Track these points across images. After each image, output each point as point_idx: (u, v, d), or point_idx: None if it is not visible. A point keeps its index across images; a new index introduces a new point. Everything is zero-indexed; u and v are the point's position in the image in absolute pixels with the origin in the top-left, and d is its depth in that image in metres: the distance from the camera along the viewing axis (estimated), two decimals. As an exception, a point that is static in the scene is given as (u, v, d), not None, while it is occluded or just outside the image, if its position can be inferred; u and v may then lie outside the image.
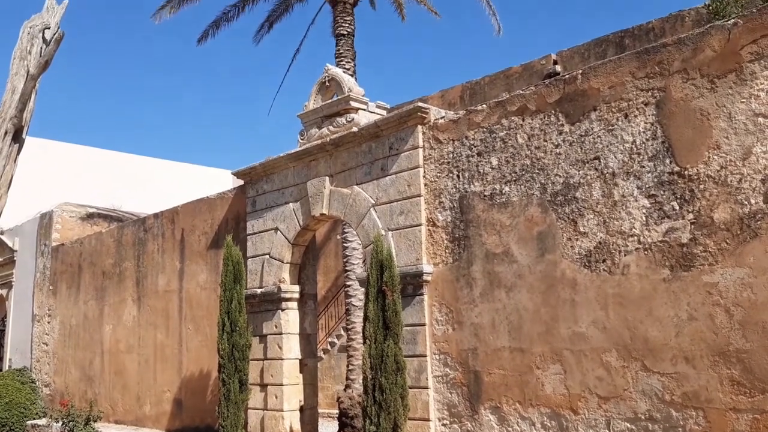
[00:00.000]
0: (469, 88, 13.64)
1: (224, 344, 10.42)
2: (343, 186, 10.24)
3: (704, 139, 6.59)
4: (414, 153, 9.29)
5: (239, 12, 16.02)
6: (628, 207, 7.07)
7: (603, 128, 7.33)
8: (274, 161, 11.32)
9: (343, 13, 14.08)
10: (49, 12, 10.03)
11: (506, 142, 8.23)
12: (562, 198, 7.62)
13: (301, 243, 11.21)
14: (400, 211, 9.31)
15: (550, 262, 7.65)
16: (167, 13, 15.67)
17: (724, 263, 6.37)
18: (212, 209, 13.24)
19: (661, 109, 6.90)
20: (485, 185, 8.39)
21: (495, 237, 8.21)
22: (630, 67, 7.17)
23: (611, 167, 7.24)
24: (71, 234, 18.45)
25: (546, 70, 12.06)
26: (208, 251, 13.17)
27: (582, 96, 7.55)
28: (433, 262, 8.88)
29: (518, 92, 8.30)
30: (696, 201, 6.60)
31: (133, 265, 15.21)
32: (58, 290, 17.94)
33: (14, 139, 9.70)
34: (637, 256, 6.98)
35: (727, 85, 6.47)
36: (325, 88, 10.90)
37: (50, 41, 9.68)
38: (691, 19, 10.31)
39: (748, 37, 6.38)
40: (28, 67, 9.61)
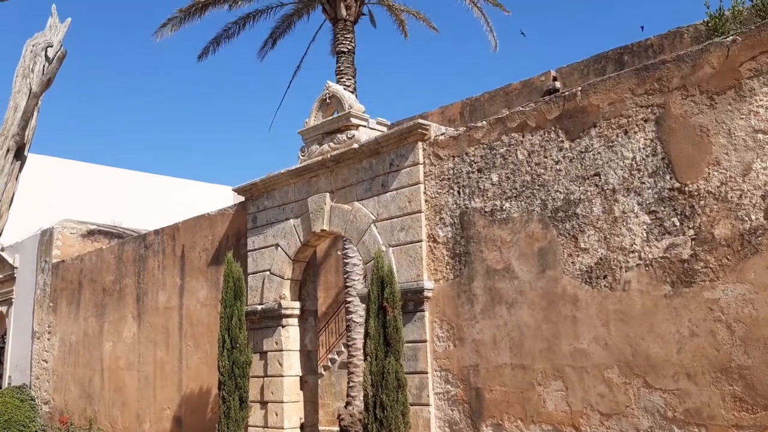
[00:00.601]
0: (469, 104, 13.70)
1: (224, 361, 10.39)
2: (343, 202, 10.26)
3: (704, 156, 6.61)
4: (414, 169, 9.32)
5: (240, 29, 16.14)
6: (629, 223, 7.08)
7: (603, 144, 7.36)
8: (275, 177, 11.35)
9: (343, 30, 14.17)
10: (51, 30, 10.09)
11: (506, 159, 8.26)
12: (563, 214, 7.63)
13: (302, 259, 11.20)
14: (401, 227, 9.32)
15: (551, 278, 7.64)
16: (168, 31, 15.78)
17: (725, 279, 6.37)
18: (213, 225, 13.24)
19: (661, 125, 6.93)
20: (486, 201, 8.40)
21: (496, 253, 8.21)
22: (629, 83, 7.21)
23: (611, 183, 7.26)
24: (72, 251, 18.45)
25: (545, 86, 12.12)
26: (209, 268, 13.16)
27: (582, 112, 7.58)
28: (434, 279, 8.87)
29: (518, 109, 8.34)
30: (696, 217, 6.61)
31: (134, 282, 15.19)
32: (58, 307, 17.91)
33: (16, 157, 9.73)
34: (638, 272, 6.97)
35: (727, 102, 6.50)
36: (325, 104, 10.95)
37: (53, 59, 9.74)
38: (690, 36, 10.38)
39: (747, 53, 6.42)
40: (31, 85, 9.66)
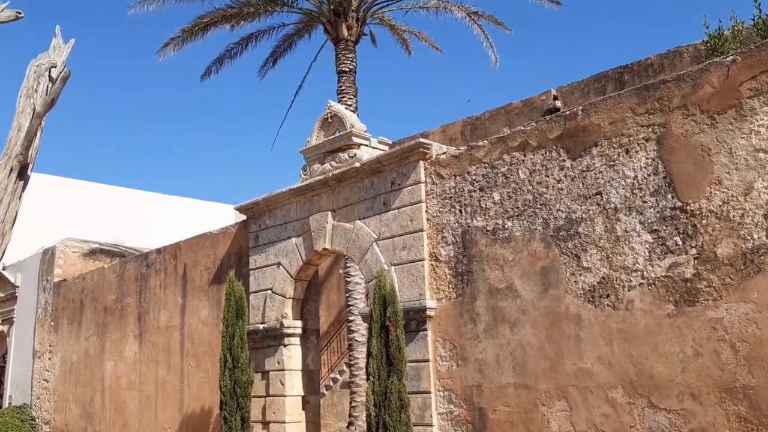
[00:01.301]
0: (470, 123, 13.76)
1: (226, 381, 10.35)
2: (345, 221, 10.27)
3: (705, 175, 6.62)
4: (416, 188, 9.33)
5: (242, 49, 16.25)
6: (631, 242, 7.08)
7: (604, 164, 7.38)
8: (277, 196, 11.37)
9: (345, 50, 14.26)
10: (55, 51, 10.16)
11: (508, 178, 8.27)
12: (565, 233, 7.63)
13: (304, 278, 11.19)
14: (403, 246, 9.32)
15: (554, 297, 7.62)
16: (171, 51, 15.88)
17: (729, 298, 6.35)
18: (215, 244, 13.25)
19: (662, 144, 6.95)
20: (488, 220, 8.41)
21: (498, 272, 8.20)
22: (630, 103, 7.24)
23: (613, 202, 7.26)
24: (73, 269, 18.44)
25: (546, 105, 12.18)
26: (211, 286, 13.15)
27: (583, 132, 7.61)
28: (436, 297, 8.85)
29: (519, 128, 8.37)
30: (699, 236, 6.61)
31: (135, 301, 15.17)
32: (59, 326, 17.87)
33: (19, 176, 9.76)
34: (641, 292, 6.96)
35: (727, 121, 6.53)
36: (327, 124, 11.00)
37: (56, 80, 9.79)
38: (690, 55, 10.44)
39: (747, 73, 6.45)
40: (35, 105, 9.71)
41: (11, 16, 10.02)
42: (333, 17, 14.40)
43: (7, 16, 10.02)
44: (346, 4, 14.24)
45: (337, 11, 14.32)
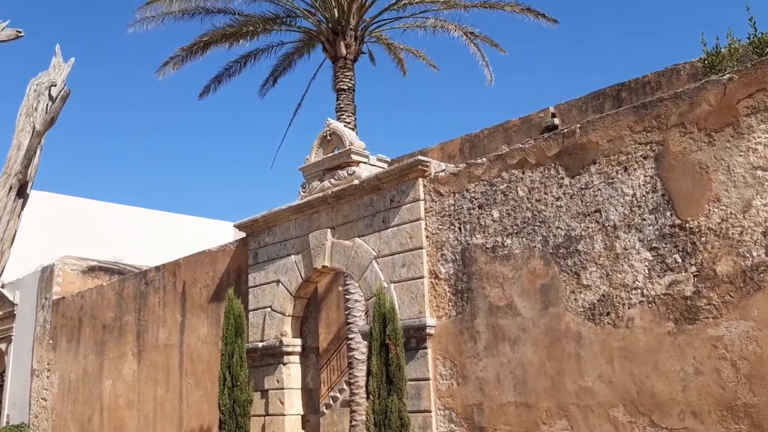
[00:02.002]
0: (469, 140, 13.81)
1: (225, 399, 10.30)
2: (344, 238, 10.27)
3: (704, 192, 6.63)
4: (415, 205, 9.34)
5: (241, 67, 16.32)
6: (631, 260, 7.08)
7: (603, 181, 7.39)
8: (276, 213, 11.37)
9: (343, 68, 14.33)
10: (55, 69, 10.20)
11: (507, 195, 8.28)
12: (564, 250, 7.63)
13: (303, 295, 11.17)
14: (402, 264, 9.31)
15: (554, 315, 7.61)
16: (171, 69, 15.96)
17: (729, 316, 6.35)
18: (214, 262, 13.23)
19: (660, 162, 6.96)
20: (487, 238, 8.41)
21: (498, 290, 8.19)
22: (628, 121, 7.27)
23: (612, 220, 7.27)
24: (72, 287, 18.39)
25: (544, 123, 12.23)
26: (210, 304, 13.11)
27: (581, 149, 7.63)
28: (436, 315, 8.83)
29: (518, 146, 8.40)
30: (698, 254, 6.61)
31: (134, 319, 15.12)
32: (57, 344, 17.79)
33: (19, 195, 9.76)
34: (641, 309, 6.95)
35: (725, 139, 6.55)
36: (326, 141, 11.02)
37: (56, 98, 9.82)
38: (687, 73, 10.50)
39: (744, 91, 6.49)
40: (34, 124, 9.72)
41: (11, 35, 10.06)
42: (331, 36, 14.49)
43: (8, 35, 10.07)
44: (345, 23, 14.33)
45: (336, 30, 14.41)
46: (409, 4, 14.83)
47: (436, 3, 14.77)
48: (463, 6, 14.56)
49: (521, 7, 14.61)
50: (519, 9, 14.61)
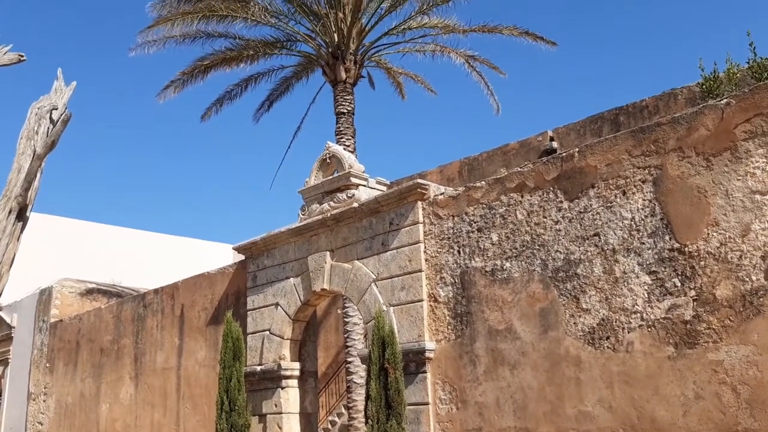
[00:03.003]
0: (468, 163, 13.88)
1: (223, 424, 10.20)
2: (344, 261, 10.26)
3: (703, 216, 6.64)
4: (414, 228, 9.35)
5: (242, 91, 16.43)
6: (630, 283, 7.07)
7: (602, 205, 7.41)
8: (275, 236, 11.37)
9: (343, 92, 14.42)
10: (57, 93, 10.25)
11: (506, 218, 8.29)
12: (564, 274, 7.62)
13: (302, 318, 11.13)
14: (402, 287, 9.29)
15: (554, 339, 7.58)
16: (171, 93, 16.06)
17: (729, 341, 6.33)
18: (212, 284, 13.20)
19: (659, 186, 6.99)
20: (486, 261, 8.41)
21: (497, 313, 8.17)
22: (626, 145, 7.30)
23: (611, 244, 7.28)
24: (70, 310, 18.32)
25: (543, 146, 12.29)
26: (208, 327, 13.06)
27: (580, 173, 7.66)
28: (435, 339, 8.80)
29: (516, 169, 8.42)
30: (697, 278, 6.60)
31: (132, 342, 15.04)
32: (54, 367, 17.68)
33: (18, 218, 9.75)
34: (640, 333, 6.93)
35: (723, 163, 6.58)
36: (326, 164, 11.06)
37: (57, 122, 9.86)
38: (684, 97, 10.57)
39: (741, 116, 6.53)
40: (35, 147, 9.75)
41: (14, 59, 10.13)
42: (331, 60, 14.60)
43: (10, 59, 10.14)
44: (344, 47, 14.46)
45: (335, 54, 14.53)
46: (408, 29, 14.97)
47: (435, 28, 14.91)
48: (462, 30, 14.70)
49: (519, 31, 14.75)
50: (517, 32, 14.75)
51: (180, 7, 14.73)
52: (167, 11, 14.81)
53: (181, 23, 14.61)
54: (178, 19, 14.59)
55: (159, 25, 14.84)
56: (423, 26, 14.95)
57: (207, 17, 14.57)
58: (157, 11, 14.93)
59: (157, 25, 14.86)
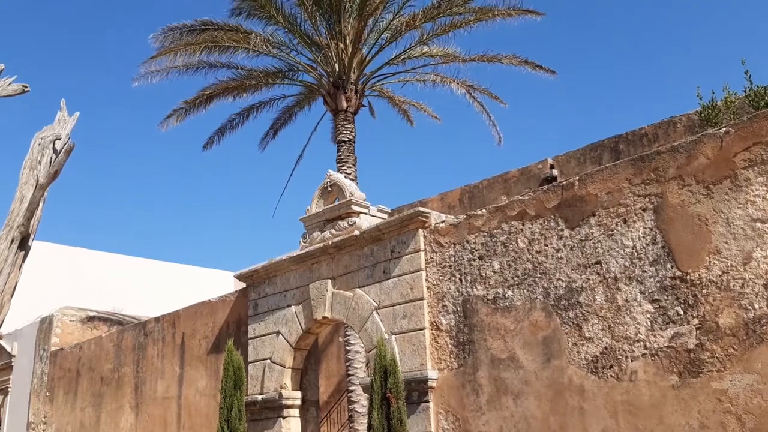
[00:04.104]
0: (468, 191, 13.93)
1: (224, 454, 10.10)
2: (345, 289, 10.25)
3: (704, 244, 6.65)
4: (416, 256, 9.35)
5: (244, 120, 16.56)
6: (633, 312, 7.05)
7: (603, 233, 7.42)
8: (277, 264, 11.37)
9: (344, 121, 14.53)
10: (60, 123, 10.33)
11: (507, 246, 8.30)
12: (566, 302, 7.61)
13: (303, 347, 11.08)
14: (403, 315, 9.27)
15: (557, 368, 7.54)
16: (174, 121, 16.17)
17: (733, 369, 6.30)
18: (213, 312, 13.16)
19: (659, 214, 7.01)
20: (488, 289, 8.40)
21: (500, 342, 8.14)
22: (626, 173, 7.34)
23: (613, 272, 7.27)
24: (71, 338, 18.25)
25: (543, 174, 12.34)
26: (209, 356, 13.00)
27: (580, 201, 7.68)
28: (438, 368, 8.75)
29: (517, 198, 8.45)
30: (700, 306, 6.59)
31: (132, 371, 14.96)
32: (54, 396, 17.56)
33: (20, 247, 9.77)
34: (644, 362, 6.89)
35: (723, 191, 6.60)
36: (327, 192, 11.10)
37: (60, 152, 9.92)
38: (683, 125, 10.64)
39: (741, 144, 6.57)
40: (38, 177, 9.80)
41: (18, 89, 10.23)
42: (332, 89, 14.73)
43: (14, 89, 10.23)
44: (345, 77, 14.59)
45: (336, 84, 14.66)
46: (408, 58, 15.12)
47: (435, 57, 15.07)
48: (462, 59, 14.85)
49: (519, 60, 14.90)
50: (517, 61, 14.89)
51: (183, 38, 14.90)
52: (170, 42, 14.98)
53: (184, 54, 14.77)
54: (181, 50, 14.75)
55: (162, 55, 14.99)
56: (423, 55, 15.11)
57: (210, 48, 14.74)
58: (160, 42, 15.10)
59: (160, 56, 15.02)
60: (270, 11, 14.67)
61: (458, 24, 14.24)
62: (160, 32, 15.06)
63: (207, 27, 14.97)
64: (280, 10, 14.71)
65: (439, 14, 14.20)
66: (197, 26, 15.02)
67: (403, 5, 14.72)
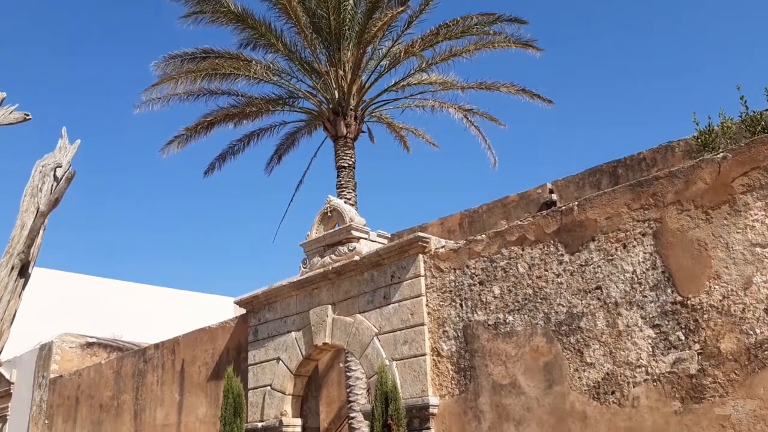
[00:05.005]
0: (468, 216, 13.95)
1: (223, 483, 10.02)
2: (345, 314, 10.23)
3: (704, 269, 6.66)
4: (416, 281, 9.35)
5: (245, 146, 16.64)
6: (634, 337, 7.04)
7: (603, 258, 7.43)
8: (277, 289, 11.36)
9: (344, 147, 14.61)
10: (61, 151, 10.38)
11: (507, 272, 8.30)
12: (567, 328, 7.59)
13: (304, 373, 11.03)
14: (404, 341, 9.24)
15: (559, 393, 7.51)
16: (175, 148, 16.24)
17: (735, 395, 6.27)
18: (213, 339, 13.11)
19: (659, 239, 7.02)
20: (489, 314, 8.38)
21: (501, 368, 8.10)
22: (625, 198, 7.37)
23: (614, 297, 7.27)
24: (70, 365, 18.16)
25: (542, 198, 12.37)
26: (209, 383, 12.93)
27: (580, 227, 7.70)
28: (439, 394, 8.71)
29: (517, 223, 8.47)
30: (701, 331, 6.58)
31: (132, 398, 14.87)
32: (53, 424, 17.42)
33: (20, 274, 9.77)
34: (646, 388, 6.86)
35: (722, 216, 6.63)
36: (327, 218, 11.13)
37: (61, 179, 9.96)
38: (681, 150, 10.70)
39: (739, 169, 6.60)
40: (39, 204, 9.83)
41: (19, 118, 10.30)
42: (332, 116, 14.83)
43: (16, 117, 10.30)
44: (345, 104, 14.70)
45: (336, 110, 14.77)
46: (407, 85, 15.25)
47: (434, 84, 15.19)
48: (461, 87, 14.98)
49: (516, 88, 15.03)
50: (514, 90, 15.03)
51: (184, 66, 15.04)
52: (171, 70, 15.12)
53: (185, 81, 14.90)
54: (182, 78, 14.88)
55: (163, 83, 15.12)
56: (422, 83, 15.24)
57: (211, 75, 14.87)
58: (161, 70, 15.24)
59: (162, 83, 15.14)
60: (270, 39, 14.84)
61: (457, 52, 14.40)
62: (162, 60, 15.22)
63: (208, 55, 15.13)
64: (281, 38, 14.88)
65: (437, 42, 14.36)
66: (198, 54, 15.18)
67: (402, 33, 14.91)
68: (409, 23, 14.78)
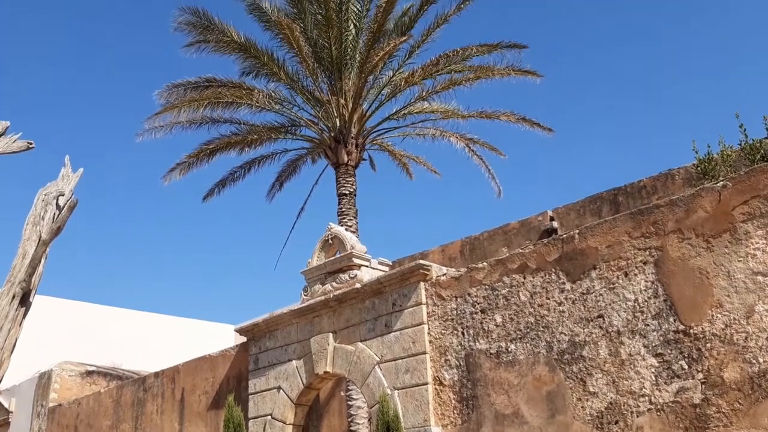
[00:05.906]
0: (469, 243, 13.98)
1: None
2: (346, 342, 10.18)
3: (706, 298, 6.66)
4: (417, 309, 9.33)
5: (245, 173, 16.70)
6: (637, 366, 7.01)
7: (604, 286, 7.43)
8: (278, 317, 11.32)
9: (345, 174, 14.68)
10: (64, 180, 10.42)
11: (509, 300, 8.29)
12: (569, 356, 7.56)
13: (305, 402, 10.95)
14: (406, 369, 9.19)
15: (562, 423, 7.45)
16: (177, 175, 16.29)
17: (739, 425, 6.23)
18: (214, 367, 13.04)
19: (660, 267, 7.03)
20: (491, 343, 8.35)
21: (504, 397, 8.06)
22: (626, 227, 7.39)
23: (616, 325, 7.25)
24: (69, 393, 18.03)
25: (543, 226, 12.41)
26: (209, 412, 12.83)
27: (581, 255, 7.71)
28: (441, 424, 8.64)
29: (518, 251, 8.48)
30: (704, 360, 6.56)
31: (131, 427, 14.73)
32: (50, 454, 17.25)
33: (21, 303, 9.76)
34: (650, 417, 6.82)
35: (723, 245, 6.64)
36: (328, 245, 11.13)
37: (63, 207, 9.99)
38: (681, 177, 10.76)
39: (739, 198, 6.63)
40: (41, 233, 9.84)
41: (23, 146, 10.35)
42: (333, 144, 14.92)
43: (19, 146, 10.35)
44: (346, 132, 14.80)
45: (338, 138, 14.87)
46: (408, 114, 15.35)
47: (435, 113, 15.30)
48: (462, 116, 15.08)
49: (517, 117, 15.13)
50: (515, 119, 15.12)
51: (187, 94, 15.18)
52: (174, 98, 15.25)
53: (188, 109, 15.02)
54: (185, 106, 15.00)
55: (166, 111, 15.23)
56: (423, 111, 15.35)
57: (213, 104, 15.00)
58: (164, 98, 15.38)
59: (165, 112, 15.26)
60: (272, 68, 14.99)
61: (457, 81, 14.51)
62: (165, 89, 15.37)
63: (211, 83, 15.27)
64: (283, 67, 15.03)
65: (437, 72, 14.49)
66: (201, 83, 15.33)
67: (403, 63, 15.06)
68: (411, 53, 14.96)
